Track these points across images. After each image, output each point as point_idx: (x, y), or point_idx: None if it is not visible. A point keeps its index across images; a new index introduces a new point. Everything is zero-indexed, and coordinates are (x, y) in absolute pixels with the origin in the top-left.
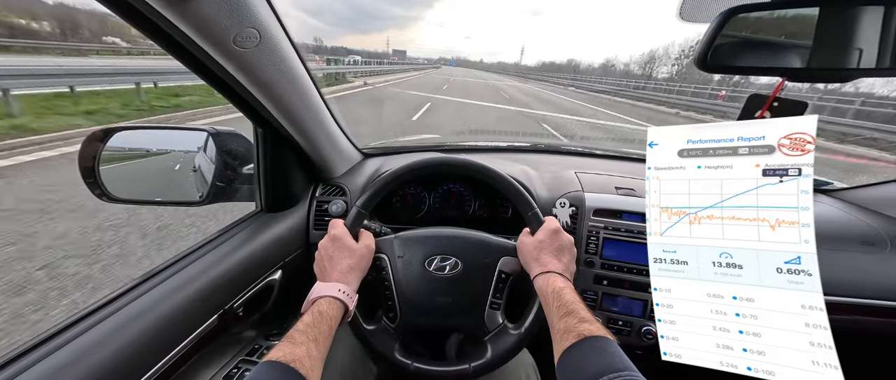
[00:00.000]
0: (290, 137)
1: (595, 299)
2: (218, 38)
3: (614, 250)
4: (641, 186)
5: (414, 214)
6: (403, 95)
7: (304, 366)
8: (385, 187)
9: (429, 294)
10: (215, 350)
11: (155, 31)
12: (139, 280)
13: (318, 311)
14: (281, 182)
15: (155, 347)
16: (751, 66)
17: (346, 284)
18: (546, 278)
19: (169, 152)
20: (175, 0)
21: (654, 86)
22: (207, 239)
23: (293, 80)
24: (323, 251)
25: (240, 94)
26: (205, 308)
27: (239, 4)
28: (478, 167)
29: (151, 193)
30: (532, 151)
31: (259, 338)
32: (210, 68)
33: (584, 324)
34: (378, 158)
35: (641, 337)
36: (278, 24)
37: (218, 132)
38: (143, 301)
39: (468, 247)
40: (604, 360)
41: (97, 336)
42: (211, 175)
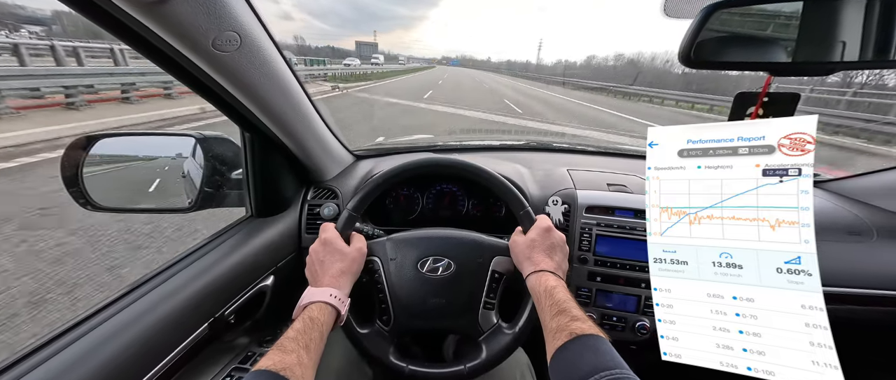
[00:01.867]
0: (278, 141)
1: (589, 296)
2: (196, 41)
3: (607, 247)
4: (633, 182)
5: (407, 215)
6: (377, 103)
7: (294, 374)
8: (376, 189)
9: (422, 296)
10: (207, 359)
11: (130, 36)
12: (126, 290)
13: (308, 317)
14: (271, 186)
15: (143, 358)
16: (735, 62)
17: (337, 288)
18: (538, 277)
19: (155, 159)
20: (149, 3)
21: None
22: (197, 246)
23: (278, 83)
24: (314, 256)
25: (223, 98)
26: (195, 317)
27: (217, 7)
28: (469, 167)
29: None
30: (524, 150)
31: (252, 345)
32: (190, 72)
33: (575, 322)
34: (370, 160)
35: (636, 332)
36: (260, 26)
37: (205, 137)
38: (130, 312)
39: (461, 247)
40: (596, 358)
41: (82, 349)
42: (199, 181)
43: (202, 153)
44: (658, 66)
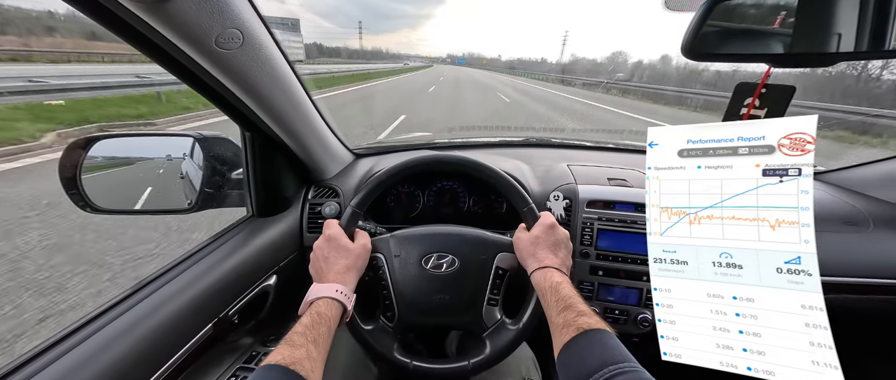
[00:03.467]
0: (278, 140)
1: (592, 290)
2: (199, 40)
3: (609, 241)
4: (634, 176)
5: (408, 212)
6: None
7: (304, 368)
8: (379, 187)
9: (426, 292)
10: (212, 360)
11: (132, 35)
12: (128, 292)
13: (316, 312)
14: (272, 186)
15: (147, 360)
16: (736, 54)
17: (343, 284)
18: (543, 273)
19: (154, 160)
20: (152, 2)
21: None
22: (199, 247)
23: (279, 81)
24: (318, 252)
25: (225, 97)
26: (198, 318)
27: (220, 5)
28: (472, 164)
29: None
30: (524, 146)
31: (256, 344)
32: (192, 72)
33: (582, 317)
34: (370, 158)
35: (638, 325)
36: (262, 24)
37: (204, 137)
38: (135, 313)
39: (465, 244)
40: (604, 352)
41: (85, 353)
42: (199, 182)
43: (202, 153)
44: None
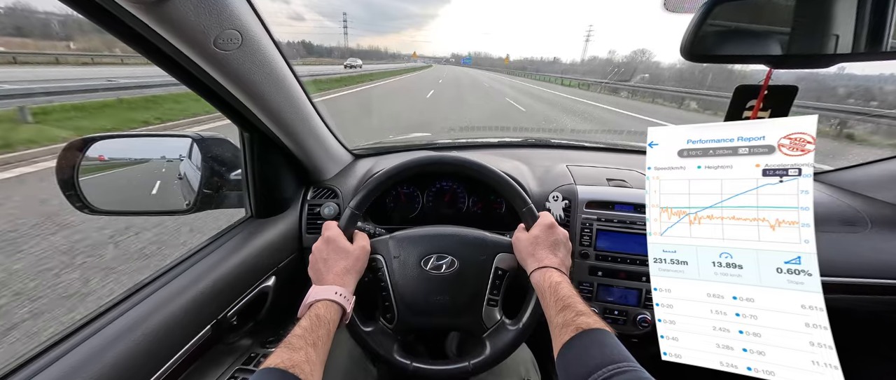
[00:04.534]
0: (277, 141)
1: (591, 291)
2: (197, 40)
3: (608, 241)
4: (633, 176)
5: (408, 213)
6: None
7: (303, 371)
8: (378, 187)
9: (426, 294)
10: (210, 361)
11: (131, 36)
12: (126, 293)
13: (315, 314)
14: (270, 187)
15: (145, 362)
16: (734, 55)
17: (342, 286)
18: (542, 274)
19: (152, 160)
20: (151, 2)
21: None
22: (197, 248)
23: (278, 82)
24: (317, 254)
25: (223, 98)
26: (197, 319)
27: (218, 5)
28: (473, 165)
29: (135, 203)
30: (523, 146)
31: (255, 346)
32: (191, 72)
33: (581, 317)
34: (369, 159)
35: (637, 325)
36: (260, 24)
37: (202, 138)
38: (132, 315)
39: (464, 245)
40: (603, 352)
41: (84, 354)
42: (197, 182)
43: (200, 154)
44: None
